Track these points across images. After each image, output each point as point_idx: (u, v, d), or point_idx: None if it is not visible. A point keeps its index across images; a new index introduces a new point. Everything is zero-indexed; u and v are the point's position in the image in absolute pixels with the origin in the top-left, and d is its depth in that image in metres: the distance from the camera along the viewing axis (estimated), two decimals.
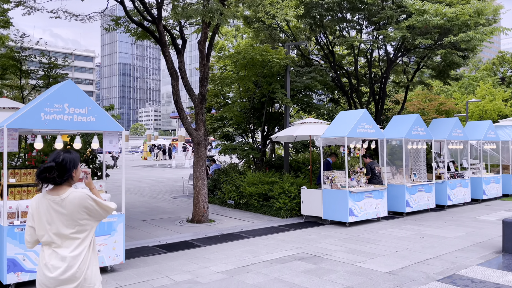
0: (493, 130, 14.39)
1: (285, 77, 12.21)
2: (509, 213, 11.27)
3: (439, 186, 12.28)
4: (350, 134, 9.61)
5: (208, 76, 10.13)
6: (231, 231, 9.09)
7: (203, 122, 10.18)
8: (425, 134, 11.70)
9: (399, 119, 11.76)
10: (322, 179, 10.05)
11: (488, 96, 27.64)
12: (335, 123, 10.23)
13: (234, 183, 12.43)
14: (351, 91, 17.30)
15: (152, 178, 22.46)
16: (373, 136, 10.24)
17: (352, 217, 9.54)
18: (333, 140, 10.60)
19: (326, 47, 17.12)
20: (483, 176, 13.72)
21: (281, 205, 10.75)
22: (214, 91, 15.52)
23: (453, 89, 31.17)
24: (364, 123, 9.97)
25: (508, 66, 40.13)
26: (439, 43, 12.66)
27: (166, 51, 9.61)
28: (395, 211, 11.13)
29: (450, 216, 10.86)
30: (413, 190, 11.14)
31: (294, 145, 13.20)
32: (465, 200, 12.95)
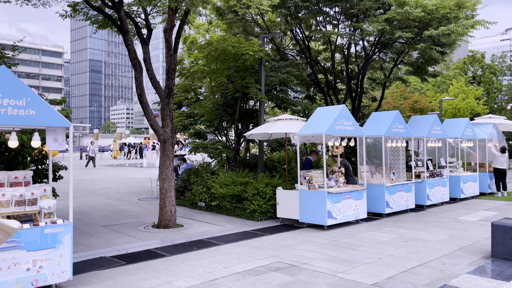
0: (471, 128, 14.15)
1: (260, 71, 11.50)
2: (489, 213, 10.96)
3: (419, 185, 11.87)
4: (329, 131, 9.00)
5: (176, 68, 9.31)
6: (200, 237, 8.32)
7: (170, 118, 9.35)
8: (405, 132, 11.25)
9: (378, 116, 11.26)
10: (299, 179, 9.41)
11: (461, 94, 27.85)
12: (312, 119, 9.61)
13: (206, 184, 11.65)
14: (327, 87, 16.78)
15: (120, 179, 21.33)
16: (353, 134, 9.68)
17: (331, 220, 8.94)
18: (311, 138, 9.98)
19: (302, 42, 16.52)
20: (461, 174, 13.44)
21: (255, 207, 10.04)
22: (184, 86, 14.66)
23: (427, 87, 31.31)
24: (343, 119, 9.39)
25: (478, 66, 40.88)
26: (418, 38, 12.25)
27: (128, 39, 8.72)
28: (374, 212, 10.62)
29: (430, 217, 10.44)
30: (392, 190, 10.66)
31: (269, 143, 12.52)
32: (444, 199, 12.62)
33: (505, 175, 14.33)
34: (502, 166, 14.18)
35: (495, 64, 42.88)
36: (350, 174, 10.79)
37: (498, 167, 14.22)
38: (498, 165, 14.23)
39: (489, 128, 15.08)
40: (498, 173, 14.23)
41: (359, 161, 10.69)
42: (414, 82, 32.82)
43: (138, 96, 9.01)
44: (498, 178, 14.29)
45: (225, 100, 13.00)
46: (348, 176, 10.69)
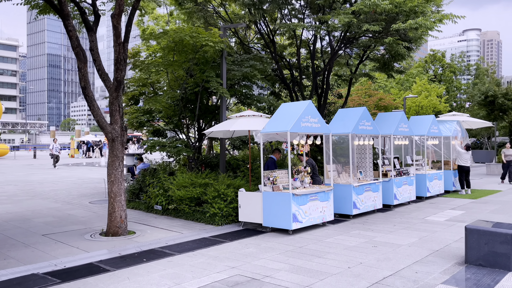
0: (436, 125, 14.00)
1: (221, 64, 10.73)
2: (455, 212, 10.74)
3: (386, 184, 11.51)
4: (294, 129, 8.38)
5: (126, 59, 8.39)
6: (153, 246, 7.49)
7: (120, 114, 8.43)
8: (372, 129, 10.83)
9: (345, 113, 10.77)
10: (262, 180, 8.74)
11: (424, 92, 28.19)
12: (277, 116, 8.96)
13: (162, 186, 10.78)
14: (293, 83, 16.23)
15: (73, 179, 19.95)
16: (319, 131, 9.11)
17: (296, 224, 8.33)
18: (275, 136, 9.34)
19: (267, 35, 15.88)
20: (427, 172, 13.24)
21: (215, 210, 9.30)
22: (142, 80, 13.65)
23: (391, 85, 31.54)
24: (308, 116, 8.79)
25: (439, 64, 41.82)
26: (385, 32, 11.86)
27: (69, 25, 7.73)
28: (341, 213, 10.14)
29: (398, 218, 10.06)
30: (360, 190, 10.21)
31: (232, 141, 11.81)
32: (411, 198, 12.35)
33: (469, 172, 14.28)
34: (466, 163, 14.12)
35: (454, 63, 44.07)
36: (316, 174, 10.26)
37: (462, 164, 14.14)
38: (462, 163, 14.15)
39: (453, 126, 15.02)
40: (463, 171, 14.16)
41: (325, 160, 10.16)
42: (379, 80, 33.04)
43: (82, 89, 8.03)
44: (462, 175, 14.22)
45: (184, 95, 12.14)
46: (314, 176, 10.15)
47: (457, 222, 9.45)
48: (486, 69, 46.45)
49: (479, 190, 15.09)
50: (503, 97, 21.69)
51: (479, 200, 12.87)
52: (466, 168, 14.13)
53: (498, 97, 21.71)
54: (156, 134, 15.08)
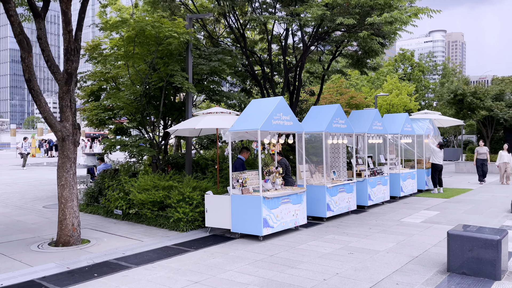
0: (410, 123, 13.75)
1: (186, 57, 9.98)
2: (430, 213, 10.44)
3: (360, 185, 11.10)
4: (265, 127, 7.76)
5: (78, 49, 7.53)
6: (108, 257, 6.71)
7: (72, 111, 7.57)
8: (346, 127, 10.38)
9: (318, 110, 10.27)
10: (231, 182, 8.09)
11: (395, 90, 28.28)
12: (247, 113, 8.32)
13: (123, 189, 9.94)
14: (264, 80, 15.64)
15: (30, 181, 18.63)
16: (291, 129, 8.54)
17: (267, 229, 7.74)
18: (245, 135, 8.70)
19: (237, 30, 15.22)
20: (400, 172, 12.95)
21: (180, 215, 8.58)
22: (101, 74, 12.70)
23: (362, 83, 31.53)
24: (280, 113, 8.20)
25: (408, 63, 42.34)
26: (360, 27, 11.44)
27: (10, 9, 6.81)
28: (314, 216, 9.63)
29: (373, 220, 9.65)
30: (334, 191, 9.73)
31: (199, 140, 11.09)
32: (385, 198, 12.01)
33: (441, 170, 14.14)
34: (440, 161, 13.97)
35: (422, 62, 44.77)
36: (289, 174, 9.71)
37: (437, 162, 13.98)
38: (437, 161, 13.99)
39: (426, 124, 14.84)
40: (437, 169, 14.00)
41: (298, 160, 9.62)
42: (351, 77, 33.01)
43: (26, 82, 7.13)
44: (436, 174, 14.06)
45: (147, 91, 11.31)
46: (286, 177, 9.59)
47: (433, 223, 9.11)
48: (453, 68, 47.48)
49: (450, 189, 15.00)
50: (471, 96, 21.90)
51: (452, 199, 12.69)
52: (440, 167, 13.97)
53: (467, 95, 21.90)
54: (119, 133, 14.16)
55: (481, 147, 16.96)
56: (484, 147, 16.97)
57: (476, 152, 16.95)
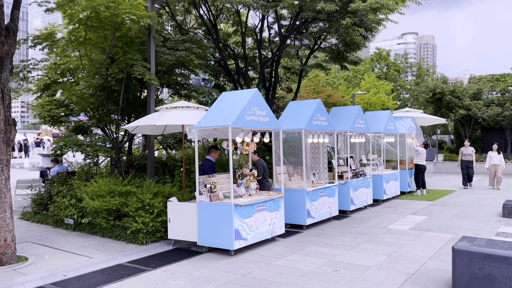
0: (392, 122, 12.97)
1: (148, 44, 8.79)
2: (417, 218, 9.62)
3: (342, 188, 10.19)
4: (237, 123, 6.69)
5: (14, 30, 6.28)
6: (43, 282, 5.49)
7: (4, 104, 6.30)
8: (328, 125, 9.43)
9: (297, 106, 9.27)
10: (197, 187, 6.98)
11: (373, 89, 27.74)
12: (216, 107, 7.23)
13: (75, 195, 8.67)
14: (238, 75, 14.56)
15: None
16: (268, 126, 7.50)
17: (239, 242, 6.67)
18: (213, 132, 7.61)
19: (209, 21, 14.10)
20: (384, 173, 12.14)
21: (139, 226, 7.40)
22: (57, 66, 11.31)
23: (339, 82, 30.91)
24: (255, 108, 7.15)
25: (384, 63, 42.17)
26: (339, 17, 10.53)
27: None
28: (293, 223, 8.63)
29: (358, 227, 8.73)
30: (314, 196, 8.75)
31: (164, 139, 9.91)
32: (367, 202, 11.15)
33: (425, 171, 13.46)
34: (423, 162, 13.28)
35: (398, 62, 44.74)
36: (266, 178, 8.68)
37: (420, 163, 13.28)
38: (420, 161, 13.30)
39: (408, 122, 14.12)
40: (420, 170, 13.30)
41: (275, 161, 8.59)
42: (326, 77, 32.37)
43: None
44: (419, 175, 13.37)
45: (106, 84, 10.05)
46: (263, 180, 8.56)
47: (423, 231, 8.27)
48: (427, 69, 47.71)
49: (432, 190, 14.34)
50: (450, 95, 21.49)
51: (437, 202, 11.97)
52: (424, 167, 13.29)
53: (445, 94, 21.47)
54: (79, 132, 12.79)
55: (466, 148, 15.10)
56: (469, 148, 15.09)
57: (461, 153, 15.14)
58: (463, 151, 15.07)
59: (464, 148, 15.10)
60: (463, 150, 15.08)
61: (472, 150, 15.02)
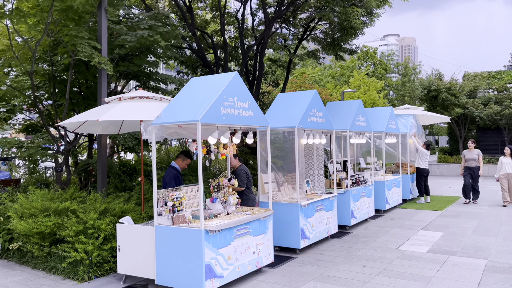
0: (394, 120, 11.33)
1: (99, 18, 6.88)
2: (432, 234, 7.97)
3: (341, 198, 8.47)
4: (209, 118, 4.87)
5: None
6: None
7: None
8: (325, 122, 7.68)
9: (288, 98, 7.50)
10: (156, 205, 5.13)
11: (363, 86, 26.26)
12: (182, 97, 5.39)
13: (3, 212, 6.71)
14: (217, 67, 12.73)
15: None
16: (251, 123, 5.68)
17: (213, 282, 4.85)
18: (178, 131, 5.75)
19: (184, 4, 12.25)
20: (386, 179, 10.48)
21: (80, 255, 5.50)
22: None
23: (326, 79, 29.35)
24: (234, 98, 5.33)
25: (371, 61, 40.92)
26: None
27: None
28: (283, 246, 6.85)
29: (363, 249, 7.01)
30: (310, 211, 7.00)
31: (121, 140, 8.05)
32: (369, 214, 9.47)
33: (428, 175, 11.91)
34: (426, 165, 11.72)
35: (384, 61, 43.57)
36: (250, 188, 6.89)
37: (423, 167, 11.70)
38: (423, 165, 11.71)
39: (410, 120, 12.53)
40: (423, 174, 11.74)
41: (260, 167, 6.80)
42: (313, 74, 30.78)
43: None
44: (422, 180, 11.80)
45: (51, 71, 8.09)
46: (246, 192, 6.77)
47: (446, 254, 6.60)
48: (414, 67, 46.70)
49: (435, 197, 12.78)
50: (446, 92, 20.10)
51: (446, 212, 10.37)
52: (427, 172, 11.73)
53: (441, 91, 20.06)
54: (31, 131, 10.75)
55: (470, 150, 11.62)
56: (474, 150, 11.57)
57: (463, 158, 11.70)
58: (466, 155, 11.70)
59: (467, 151, 11.72)
60: (466, 153, 11.72)
61: (477, 153, 11.61)
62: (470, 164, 11.56)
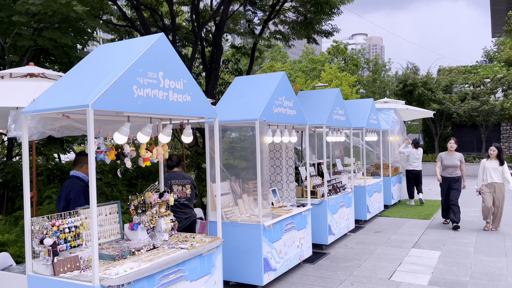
0: (376, 114, 9.77)
1: None
2: (428, 255, 6.42)
3: (316, 211, 6.77)
4: (111, 103, 2.99)
5: None
6: None
7: None
8: (296, 115, 5.92)
9: (248, 83, 5.69)
10: (29, 243, 3.20)
11: (335, 80, 24.88)
12: (77, 72, 3.46)
13: None
14: None
15: None
16: (187, 113, 3.80)
17: None
18: (73, 124, 3.79)
19: None
20: (367, 184, 8.89)
21: None
22: None
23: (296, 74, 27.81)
24: (158, 73, 3.45)
25: (342, 57, 39.83)
26: None
27: None
28: (241, 282, 5.06)
29: (346, 281, 5.33)
30: (276, 233, 5.23)
31: None
32: (349, 227, 7.84)
33: (420, 177, 10.58)
34: (419, 166, 10.33)
35: (355, 57, 42.63)
36: (190, 206, 5.07)
37: (412, 168, 10.36)
38: (412, 166, 10.38)
39: (391, 115, 11.04)
40: (412, 177, 10.41)
41: (210, 174, 4.99)
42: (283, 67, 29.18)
43: None
44: (411, 183, 10.50)
45: None
46: (184, 209, 4.95)
47: (453, 285, 5.00)
48: (383, 64, 46.05)
49: (417, 201, 11.36)
50: (422, 87, 18.92)
51: (435, 221, 8.94)
52: (417, 172, 10.41)
53: (418, 86, 18.87)
54: None
55: (451, 154, 8.16)
56: (455, 154, 8.13)
57: (440, 162, 8.27)
58: (444, 159, 8.18)
59: (446, 155, 8.18)
60: (445, 157, 8.19)
61: (460, 158, 8.12)
62: (449, 173, 8.13)
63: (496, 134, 20.92)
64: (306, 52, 37.98)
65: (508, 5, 35.78)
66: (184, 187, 5.08)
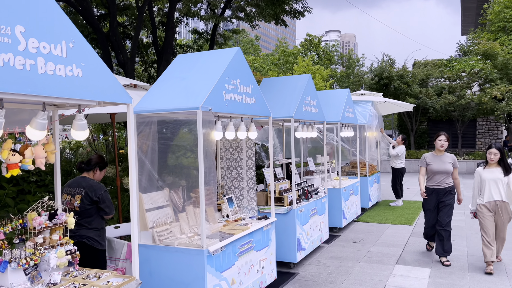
0: (352, 107, 8.66)
1: None
2: (415, 274, 5.35)
3: (282, 222, 5.56)
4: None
5: None
6: None
7: None
8: (256, 104, 4.65)
9: (191, 62, 4.38)
10: None
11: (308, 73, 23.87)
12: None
13: None
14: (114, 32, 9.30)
15: None
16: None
17: None
18: None
19: None
20: (342, 186, 7.76)
21: None
22: None
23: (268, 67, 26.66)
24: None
25: (315, 51, 38.96)
26: None
27: None
28: None
29: None
30: (227, 260, 3.98)
31: None
32: (322, 238, 6.69)
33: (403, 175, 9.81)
34: (403, 164, 9.45)
35: (329, 51, 41.88)
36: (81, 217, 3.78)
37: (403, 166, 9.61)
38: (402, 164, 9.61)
39: (368, 109, 9.97)
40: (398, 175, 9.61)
41: (135, 181, 3.68)
42: (254, 60, 27.98)
43: None
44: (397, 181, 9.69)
45: None
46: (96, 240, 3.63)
47: None
48: (357, 59, 45.54)
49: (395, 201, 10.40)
50: (398, 80, 18.08)
51: (418, 228, 7.90)
52: (403, 170, 9.60)
53: (394, 79, 18.01)
54: None
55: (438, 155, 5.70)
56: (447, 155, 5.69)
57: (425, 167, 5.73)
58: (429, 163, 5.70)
59: (433, 156, 5.73)
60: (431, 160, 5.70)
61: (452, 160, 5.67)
62: (438, 182, 5.65)
63: (472, 129, 20.40)
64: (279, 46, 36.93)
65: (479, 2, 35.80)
66: (73, 198, 3.77)
